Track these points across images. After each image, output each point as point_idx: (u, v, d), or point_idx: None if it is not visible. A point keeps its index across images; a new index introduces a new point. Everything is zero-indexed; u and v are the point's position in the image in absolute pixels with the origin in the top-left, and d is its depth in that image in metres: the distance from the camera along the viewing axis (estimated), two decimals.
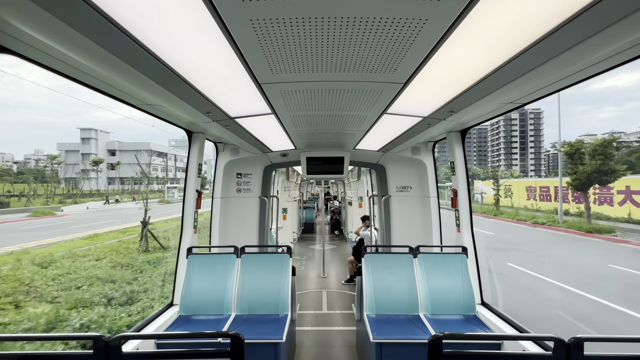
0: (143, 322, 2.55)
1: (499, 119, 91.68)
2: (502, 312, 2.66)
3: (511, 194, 26.69)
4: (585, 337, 1.31)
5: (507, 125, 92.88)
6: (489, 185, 30.16)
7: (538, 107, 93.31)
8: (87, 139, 48.87)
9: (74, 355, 1.38)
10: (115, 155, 49.22)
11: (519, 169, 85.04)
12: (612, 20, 1.06)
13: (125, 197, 35.00)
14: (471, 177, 44.77)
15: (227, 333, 1.37)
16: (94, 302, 5.97)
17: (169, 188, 37.58)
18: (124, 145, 51.50)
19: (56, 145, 48.99)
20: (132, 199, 32.63)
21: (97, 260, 9.05)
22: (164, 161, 52.39)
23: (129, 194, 38.32)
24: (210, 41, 1.31)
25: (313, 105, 2.28)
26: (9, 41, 1.24)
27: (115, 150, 50.47)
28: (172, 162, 57.66)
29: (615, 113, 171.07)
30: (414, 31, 1.22)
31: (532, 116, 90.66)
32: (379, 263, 3.02)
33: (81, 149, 48.27)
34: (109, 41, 1.21)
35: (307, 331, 4.08)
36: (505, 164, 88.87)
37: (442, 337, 1.35)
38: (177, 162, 39.20)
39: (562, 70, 1.48)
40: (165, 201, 29.73)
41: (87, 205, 26.57)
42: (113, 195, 35.48)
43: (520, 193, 25.42)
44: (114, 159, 47.84)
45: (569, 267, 9.01)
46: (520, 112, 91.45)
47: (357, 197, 10.01)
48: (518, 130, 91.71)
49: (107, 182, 45.85)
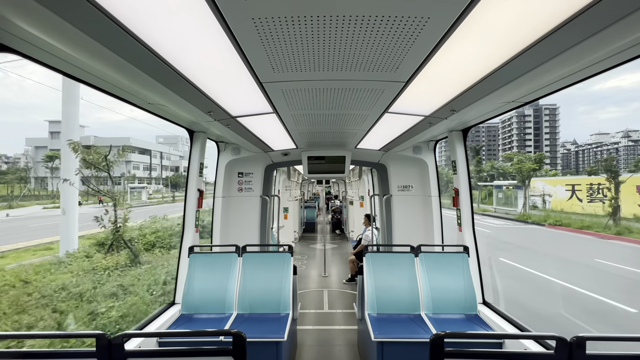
0: (145, 321, 2.56)
1: (511, 115, 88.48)
2: (503, 312, 2.65)
3: (603, 196, 18.30)
4: (588, 336, 1.31)
5: (521, 122, 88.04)
6: (555, 185, 22.59)
7: (554, 103, 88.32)
8: (57, 133, 40.26)
9: (77, 352, 1.38)
10: None
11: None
12: (614, 19, 1.06)
13: (92, 199, 28.23)
14: (492, 175, 41.86)
15: (229, 331, 1.37)
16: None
17: (133, 189, 29.60)
18: (101, 141, 46.29)
19: (25, 141, 43.81)
20: (99, 201, 28.58)
21: None
22: (154, 158, 49.13)
23: (103, 195, 33.81)
24: (212, 40, 1.31)
25: (314, 104, 2.28)
26: (12, 40, 1.25)
27: (90, 146, 46.01)
28: (157, 159, 53.15)
29: (618, 114, 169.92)
30: (416, 29, 1.22)
31: (547, 112, 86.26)
32: (380, 262, 3.02)
33: (50, 145, 41.70)
34: (110, 40, 1.21)
35: (308, 330, 4.08)
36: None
37: (444, 336, 1.35)
38: (163, 159, 35.81)
39: (564, 68, 1.47)
40: (126, 206, 25.25)
41: (7, 213, 20.65)
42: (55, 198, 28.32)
43: (628, 195, 16.12)
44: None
45: None
46: (534, 107, 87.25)
47: (358, 196, 10.01)
48: (532, 127, 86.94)
49: (81, 182, 41.31)
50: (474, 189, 30.76)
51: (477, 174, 39.82)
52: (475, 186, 45.67)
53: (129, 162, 44.23)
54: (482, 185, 34.67)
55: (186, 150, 63.04)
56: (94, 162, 8.13)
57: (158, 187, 44.99)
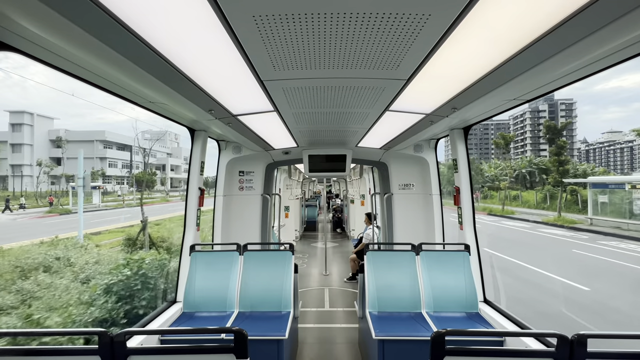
0: (146, 319, 2.57)
1: (524, 111, 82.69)
2: (504, 310, 2.65)
3: None
4: (589, 334, 1.31)
5: (534, 117, 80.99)
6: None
7: (570, 97, 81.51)
8: (19, 125, 35.45)
9: (79, 350, 1.39)
10: (60, 147, 35.71)
11: None
12: (617, 15, 1.05)
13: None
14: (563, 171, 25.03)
15: (231, 329, 1.38)
16: None
17: (73, 189, 22.12)
18: (73, 135, 39.04)
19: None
20: (50, 203, 23.88)
21: None
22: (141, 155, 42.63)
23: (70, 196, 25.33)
24: (213, 38, 1.31)
25: (315, 103, 2.28)
26: (14, 39, 1.25)
27: (60, 141, 37.54)
28: (139, 157, 44.12)
29: (619, 114, 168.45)
30: (417, 26, 1.22)
31: (563, 107, 79.39)
32: (381, 260, 3.02)
33: (10, 139, 35.21)
34: (111, 37, 1.21)
35: (309, 328, 4.09)
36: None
37: (445, 334, 1.35)
38: (147, 157, 32.23)
39: (566, 65, 1.47)
40: (59, 211, 16.77)
41: None
42: (16, 199, 25.02)
43: None
44: (57, 152, 35.59)
45: None
46: (549, 102, 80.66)
47: (359, 195, 10.01)
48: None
49: (51, 182, 33.82)
50: (556, 186, 23.31)
51: (559, 166, 24.93)
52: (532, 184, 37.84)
53: (103, 158, 39.71)
54: (566, 184, 22.92)
55: (174, 147, 59.38)
56: None
57: (121, 187, 38.01)
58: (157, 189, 43.88)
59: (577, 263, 9.77)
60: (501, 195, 30.28)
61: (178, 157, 57.72)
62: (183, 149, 60.75)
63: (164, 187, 48.86)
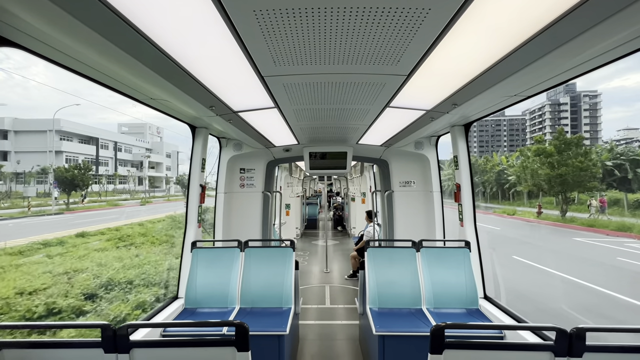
0: (149, 315, 2.59)
1: (543, 104, 76.38)
2: (504, 306, 2.66)
3: None
4: (587, 327, 1.31)
5: (555, 112, 73.39)
6: None
7: (594, 89, 73.90)
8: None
9: (82, 342, 1.41)
10: (7, 138, 32.14)
11: None
12: (617, 8, 1.05)
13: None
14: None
15: (232, 322, 1.39)
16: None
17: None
18: (24, 124, 33.17)
19: None
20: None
21: None
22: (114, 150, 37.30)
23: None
24: (214, 33, 1.32)
25: (316, 99, 2.29)
26: (15, 35, 1.26)
27: (7, 132, 32.61)
28: (110, 151, 40.29)
29: (622, 114, 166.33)
30: (417, 21, 1.22)
31: (585, 100, 71.11)
32: (381, 257, 3.03)
33: None
34: (113, 33, 1.22)
35: (310, 325, 4.11)
36: None
37: (444, 327, 1.36)
38: (119, 152, 27.51)
39: (567, 60, 1.47)
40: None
41: None
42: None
43: None
44: (5, 144, 31.83)
45: None
46: (571, 95, 72.49)
47: (360, 193, 10.01)
48: (569, 117, 71.26)
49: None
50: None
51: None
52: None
53: (59, 152, 33.11)
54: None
55: (155, 141, 53.57)
56: None
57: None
58: (136, 189, 39.27)
59: None
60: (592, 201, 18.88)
61: (160, 154, 51.66)
62: (168, 144, 54.74)
63: (142, 187, 43.56)
